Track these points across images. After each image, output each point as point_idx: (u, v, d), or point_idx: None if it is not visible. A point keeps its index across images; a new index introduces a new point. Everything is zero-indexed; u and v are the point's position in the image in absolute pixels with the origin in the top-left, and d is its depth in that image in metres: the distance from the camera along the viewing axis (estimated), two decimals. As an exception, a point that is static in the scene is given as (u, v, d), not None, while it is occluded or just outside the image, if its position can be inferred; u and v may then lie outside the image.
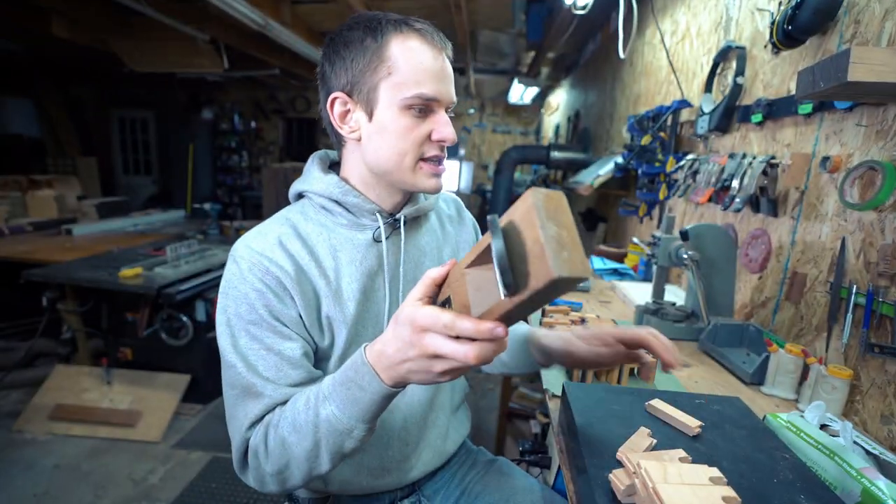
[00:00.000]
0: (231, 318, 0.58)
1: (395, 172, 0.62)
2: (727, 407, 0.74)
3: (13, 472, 1.76)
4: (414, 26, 0.59)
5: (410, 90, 0.57)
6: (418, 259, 0.71)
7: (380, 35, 0.57)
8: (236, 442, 0.57)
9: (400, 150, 0.60)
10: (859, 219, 0.87)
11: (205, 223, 3.42)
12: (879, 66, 0.68)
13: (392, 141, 0.59)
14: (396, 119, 0.58)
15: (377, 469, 0.70)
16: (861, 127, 0.87)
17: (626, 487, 0.51)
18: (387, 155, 0.60)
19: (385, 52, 0.57)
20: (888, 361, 0.78)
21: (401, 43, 0.57)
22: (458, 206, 0.83)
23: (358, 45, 0.58)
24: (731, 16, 1.42)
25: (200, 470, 1.82)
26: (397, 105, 0.58)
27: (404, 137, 0.59)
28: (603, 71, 3.11)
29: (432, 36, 0.59)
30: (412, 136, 0.59)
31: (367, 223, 0.65)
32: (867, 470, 0.59)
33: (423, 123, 0.59)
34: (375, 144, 0.61)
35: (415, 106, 0.58)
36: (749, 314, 1.21)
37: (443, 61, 0.60)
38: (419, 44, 0.58)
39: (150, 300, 2.09)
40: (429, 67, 0.58)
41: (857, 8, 0.89)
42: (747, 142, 1.29)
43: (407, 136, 0.59)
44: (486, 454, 0.87)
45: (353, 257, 0.64)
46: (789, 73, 1.11)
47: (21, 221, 2.99)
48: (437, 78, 0.58)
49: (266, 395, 0.56)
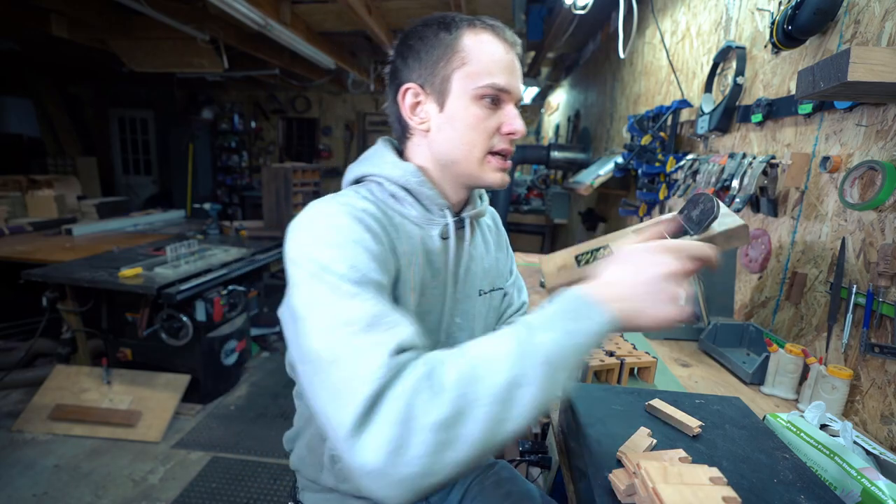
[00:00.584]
0: (330, 263, 0.47)
1: (463, 163, 0.61)
2: (727, 407, 0.74)
3: (13, 472, 1.76)
4: (486, 22, 0.60)
5: (483, 79, 0.58)
6: (469, 264, 0.69)
7: (454, 28, 0.59)
8: (358, 388, 0.39)
9: (470, 141, 0.60)
10: (859, 219, 0.87)
11: (205, 223, 3.42)
12: (879, 66, 0.68)
13: (462, 131, 0.60)
14: (468, 109, 0.59)
15: None
16: (861, 127, 0.87)
17: (626, 487, 0.51)
18: (456, 145, 0.61)
19: (459, 43, 0.59)
20: (888, 361, 0.78)
21: (474, 36, 0.59)
22: (496, 219, 0.83)
23: (432, 39, 0.60)
24: (731, 16, 1.42)
25: (200, 470, 1.82)
26: (469, 95, 0.59)
27: (475, 128, 0.59)
28: (603, 71, 3.11)
29: (504, 32, 0.61)
30: (482, 126, 0.60)
31: (435, 218, 0.64)
32: (867, 470, 0.59)
33: (493, 115, 0.60)
34: (445, 135, 0.61)
35: (486, 96, 0.59)
36: (749, 314, 1.21)
37: (513, 57, 0.61)
38: (491, 38, 0.60)
39: (149, 300, 2.09)
40: (501, 59, 0.59)
41: (857, 8, 0.89)
42: (747, 142, 1.29)
43: (477, 126, 0.59)
44: (488, 458, 0.87)
45: (416, 249, 0.61)
46: (789, 73, 1.11)
47: (21, 221, 2.98)
48: (508, 70, 0.59)
49: (406, 323, 0.45)
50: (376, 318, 0.44)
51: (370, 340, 0.41)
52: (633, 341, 1.01)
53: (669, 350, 1.08)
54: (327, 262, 0.47)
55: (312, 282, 0.47)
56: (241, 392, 2.44)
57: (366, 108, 6.21)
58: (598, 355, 0.90)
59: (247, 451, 1.95)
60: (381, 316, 0.44)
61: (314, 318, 0.45)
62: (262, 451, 1.96)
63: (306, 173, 3.48)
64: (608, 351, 0.92)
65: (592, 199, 3.20)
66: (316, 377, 0.42)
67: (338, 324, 0.43)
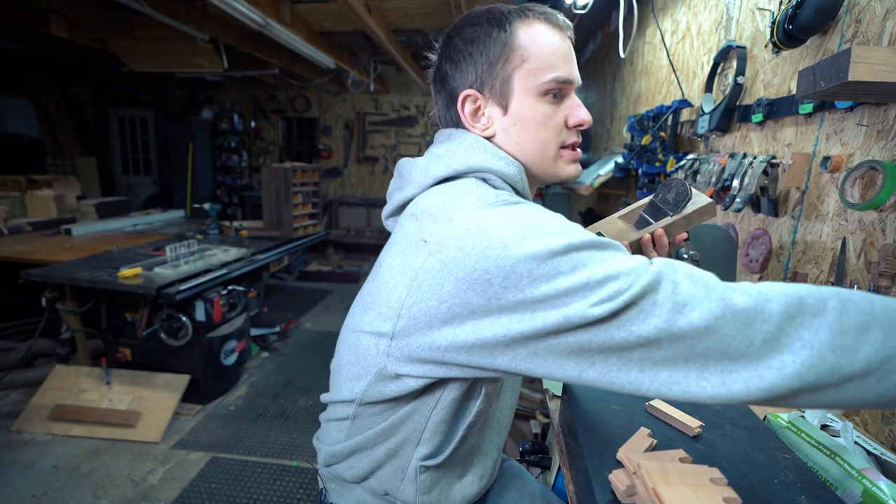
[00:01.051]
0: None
1: (538, 163, 0.59)
2: (727, 407, 0.74)
3: (12, 472, 1.75)
4: (537, 11, 0.57)
5: (546, 74, 0.56)
6: None
7: (507, 24, 0.56)
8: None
9: (543, 140, 0.58)
10: (860, 219, 0.87)
11: (204, 223, 3.42)
12: (880, 66, 0.68)
13: (533, 130, 0.58)
14: (535, 107, 0.57)
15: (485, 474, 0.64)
16: (862, 127, 0.87)
17: (627, 488, 0.51)
18: (529, 146, 0.58)
19: (515, 40, 0.56)
20: (889, 361, 0.78)
21: (528, 29, 0.56)
22: None
23: (485, 39, 0.56)
24: (731, 15, 1.42)
25: (200, 470, 1.82)
26: (534, 92, 0.56)
27: (545, 125, 0.57)
28: (603, 70, 3.11)
29: (556, 18, 0.58)
30: (552, 122, 0.58)
31: None
32: (868, 470, 0.59)
33: (559, 109, 0.58)
34: (515, 137, 0.58)
35: (551, 90, 0.56)
36: (749, 314, 1.21)
37: (569, 42, 0.59)
38: (546, 27, 0.57)
39: (149, 300, 2.09)
40: (559, 49, 0.56)
41: (858, 7, 0.89)
42: (748, 141, 1.29)
43: (547, 123, 0.58)
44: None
45: None
46: (790, 72, 1.10)
47: (20, 221, 2.98)
48: (567, 59, 0.57)
49: None
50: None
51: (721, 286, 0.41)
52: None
53: (670, 350, 1.07)
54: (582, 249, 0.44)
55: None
56: (241, 392, 2.44)
57: (366, 107, 6.20)
58: None
59: (246, 452, 1.95)
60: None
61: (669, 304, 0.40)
62: (261, 452, 1.96)
63: (306, 173, 3.48)
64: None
65: (592, 199, 3.20)
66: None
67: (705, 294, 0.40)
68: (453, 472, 0.62)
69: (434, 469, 0.59)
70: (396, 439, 0.59)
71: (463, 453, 0.61)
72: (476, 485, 0.64)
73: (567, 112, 0.58)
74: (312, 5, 2.84)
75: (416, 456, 0.59)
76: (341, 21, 3.05)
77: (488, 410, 0.61)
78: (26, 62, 4.67)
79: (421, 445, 0.58)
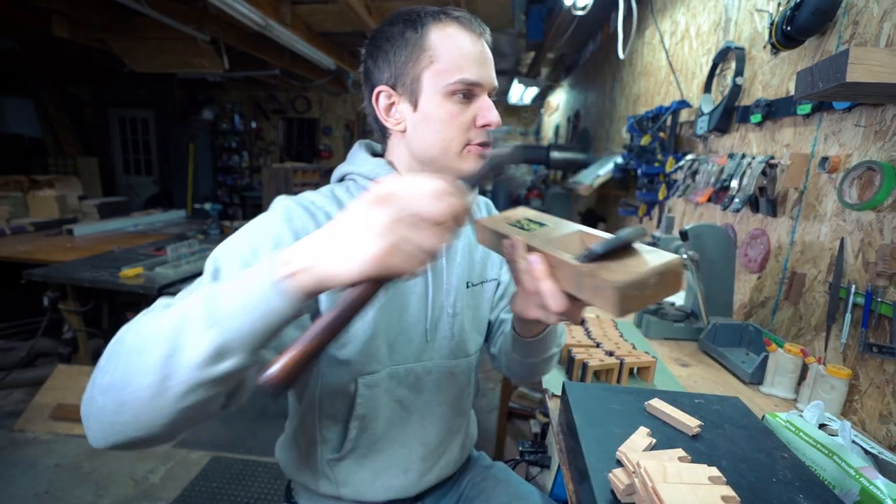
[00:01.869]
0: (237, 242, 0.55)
1: (442, 159, 0.61)
2: (726, 407, 0.74)
3: (15, 471, 1.76)
4: (452, 14, 0.60)
5: (453, 76, 0.58)
6: (453, 255, 0.70)
7: (419, 26, 0.59)
8: None
9: (446, 137, 0.60)
10: (858, 219, 0.87)
11: (205, 223, 3.42)
12: (878, 67, 0.68)
13: (438, 128, 0.60)
14: (441, 106, 0.59)
15: (398, 471, 0.68)
16: (860, 127, 0.88)
17: (626, 487, 0.51)
18: (433, 141, 0.61)
19: (426, 41, 0.58)
20: (886, 361, 0.78)
21: (440, 31, 0.58)
22: (490, 210, 0.81)
23: (399, 39, 0.59)
24: (730, 16, 1.42)
25: (201, 469, 1.82)
26: (441, 92, 0.58)
27: (450, 124, 0.59)
28: (603, 71, 3.11)
29: (470, 22, 0.60)
30: (457, 122, 0.59)
31: None
32: (866, 469, 0.59)
33: (467, 109, 0.60)
34: (421, 133, 0.61)
35: (458, 91, 0.58)
36: (748, 314, 1.21)
37: (482, 46, 0.60)
38: (458, 30, 0.59)
39: (150, 300, 2.09)
40: (469, 53, 0.58)
41: (856, 9, 0.89)
42: (746, 142, 1.29)
43: (452, 122, 0.59)
44: (486, 459, 0.86)
45: None
46: (788, 73, 1.11)
47: (22, 221, 2.98)
48: (477, 62, 0.59)
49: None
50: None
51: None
52: (633, 341, 1.01)
53: (669, 350, 1.08)
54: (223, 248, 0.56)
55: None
56: (242, 392, 2.45)
57: (366, 108, 6.22)
58: (597, 355, 0.90)
59: (247, 451, 1.95)
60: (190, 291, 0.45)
61: None
62: (262, 451, 1.96)
63: (306, 173, 3.49)
64: (608, 351, 0.93)
65: (592, 200, 3.20)
66: None
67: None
68: (367, 465, 0.67)
69: (341, 461, 0.67)
70: (305, 436, 0.69)
71: (366, 445, 0.66)
72: (401, 477, 0.68)
73: (476, 112, 0.60)
74: (312, 6, 2.85)
75: (324, 452, 0.67)
76: (341, 22, 3.06)
77: (378, 403, 0.65)
78: (26, 62, 4.68)
79: (323, 441, 0.67)
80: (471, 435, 0.81)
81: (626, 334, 1.11)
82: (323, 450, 0.68)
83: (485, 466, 0.83)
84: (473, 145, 0.62)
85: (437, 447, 0.71)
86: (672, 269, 0.40)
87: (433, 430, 0.70)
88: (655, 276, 0.39)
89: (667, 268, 0.39)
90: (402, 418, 0.68)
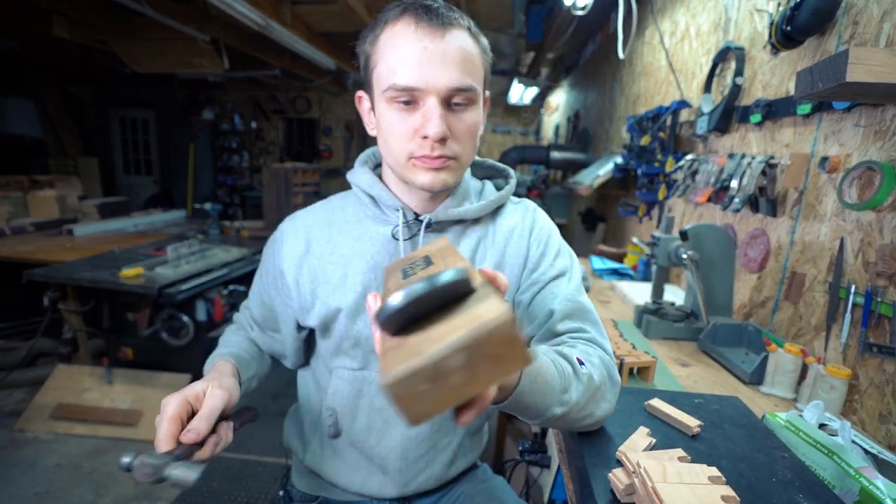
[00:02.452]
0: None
1: (396, 168, 0.59)
2: (726, 407, 0.75)
3: (15, 471, 1.76)
4: (411, 8, 0.52)
5: (386, 81, 0.52)
6: None
7: (379, 25, 0.54)
8: None
9: (391, 147, 0.56)
10: (858, 219, 0.87)
11: (205, 223, 3.42)
12: (877, 67, 0.68)
13: (384, 136, 0.57)
14: (385, 113, 0.55)
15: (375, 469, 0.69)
16: (859, 127, 0.88)
17: (626, 487, 0.51)
18: (384, 150, 0.59)
19: (377, 42, 0.54)
20: (886, 361, 0.78)
21: (391, 29, 0.52)
22: (531, 231, 0.68)
23: (363, 41, 0.57)
24: (730, 16, 1.42)
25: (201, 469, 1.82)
26: (382, 98, 0.54)
27: (391, 133, 0.55)
28: (602, 71, 3.11)
29: (427, 15, 0.51)
30: (398, 131, 0.54)
31: (391, 218, 0.64)
32: (865, 469, 0.59)
33: (410, 117, 0.53)
34: (380, 141, 0.60)
35: (397, 98, 0.52)
36: (748, 314, 1.21)
37: (430, 43, 0.50)
38: (405, 27, 0.51)
39: (150, 300, 2.09)
40: (406, 53, 0.50)
41: (856, 9, 0.89)
42: (746, 142, 1.29)
43: (392, 131, 0.55)
44: (487, 472, 0.82)
45: (366, 250, 0.64)
46: (788, 73, 1.11)
47: (23, 221, 2.99)
48: (416, 64, 0.50)
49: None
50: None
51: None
52: (633, 341, 1.01)
53: (669, 350, 1.08)
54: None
55: None
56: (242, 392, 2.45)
57: (366, 108, 6.22)
58: None
59: (247, 451, 1.95)
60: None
61: None
62: (262, 451, 1.96)
63: (307, 173, 3.49)
64: (607, 351, 0.92)
65: (592, 200, 3.21)
66: None
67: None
68: (347, 457, 0.69)
69: (323, 442, 0.70)
70: (300, 403, 0.77)
71: (346, 437, 0.68)
72: (379, 477, 0.68)
73: (418, 122, 0.53)
74: (313, 6, 2.85)
75: (309, 419, 0.72)
76: (342, 22, 3.06)
77: (353, 401, 0.66)
78: (27, 62, 4.68)
79: (310, 415, 0.72)
80: (466, 453, 0.74)
81: (626, 334, 1.11)
82: (306, 421, 0.74)
83: (482, 480, 0.78)
84: (416, 158, 0.55)
85: (416, 462, 0.68)
86: (494, 336, 0.24)
87: (412, 445, 0.68)
88: (461, 352, 0.24)
89: (481, 336, 0.24)
90: (381, 427, 0.67)
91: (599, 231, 2.85)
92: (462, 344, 0.24)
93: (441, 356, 0.24)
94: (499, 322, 0.24)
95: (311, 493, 0.73)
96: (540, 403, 0.48)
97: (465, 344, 0.24)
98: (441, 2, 0.54)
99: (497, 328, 0.24)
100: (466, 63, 0.52)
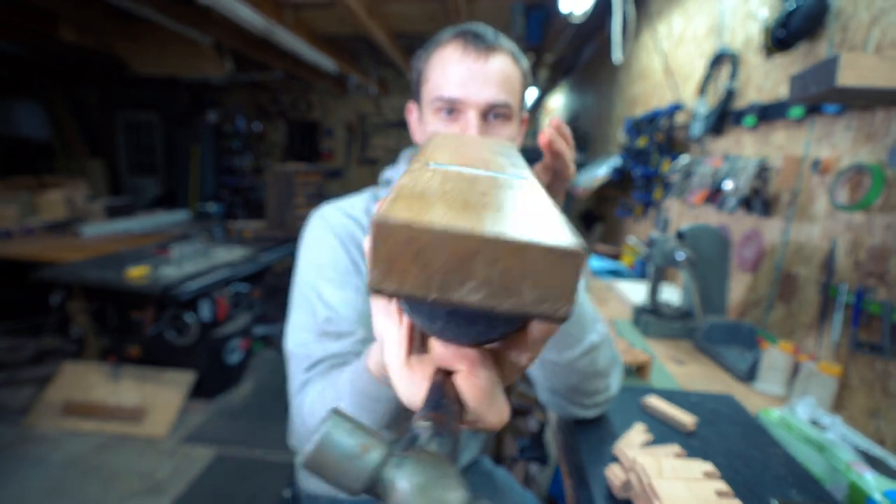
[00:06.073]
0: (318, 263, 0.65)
1: None
2: (721, 404, 0.76)
3: (23, 466, 1.79)
4: (462, 34, 0.59)
5: (433, 93, 0.60)
6: None
7: (431, 46, 0.62)
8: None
9: None
10: (849, 220, 0.89)
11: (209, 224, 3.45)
12: (867, 72, 0.70)
13: None
14: (430, 122, 0.61)
15: None
16: (850, 130, 0.90)
17: (623, 483, 0.53)
18: None
19: (429, 61, 0.61)
20: (876, 359, 0.80)
21: (441, 51, 0.60)
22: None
23: (417, 59, 0.64)
24: (724, 21, 1.44)
25: (206, 465, 1.85)
26: (430, 109, 0.61)
27: None
28: (600, 74, 3.13)
29: (476, 41, 0.59)
30: None
31: None
32: (855, 464, 0.60)
33: (452, 126, 0.60)
34: None
35: (442, 109, 0.59)
36: (743, 313, 1.23)
37: (473, 63, 0.58)
38: (454, 50, 0.59)
39: (155, 299, 2.12)
40: (454, 71, 0.58)
41: (846, 14, 0.91)
42: (741, 144, 1.31)
43: None
44: (487, 464, 0.85)
45: None
46: (781, 77, 1.13)
47: (31, 222, 3.02)
48: (461, 80, 0.58)
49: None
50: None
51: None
52: (630, 339, 1.03)
53: (665, 348, 1.10)
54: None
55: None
56: (246, 390, 2.47)
57: (367, 110, 6.23)
58: None
59: (252, 448, 1.98)
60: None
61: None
62: (266, 448, 1.99)
63: (309, 174, 3.52)
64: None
65: (590, 200, 3.22)
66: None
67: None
68: None
69: None
70: None
71: None
72: None
73: (461, 129, 0.60)
74: (315, 10, 2.88)
75: None
76: (343, 25, 3.09)
77: None
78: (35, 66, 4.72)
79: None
80: (469, 449, 0.79)
81: (623, 332, 1.13)
82: None
83: (485, 471, 0.82)
84: None
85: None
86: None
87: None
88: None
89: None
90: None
91: (597, 231, 2.87)
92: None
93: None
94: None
95: (317, 493, 0.74)
96: (577, 330, 0.57)
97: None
98: (490, 29, 0.62)
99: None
100: (506, 83, 0.59)
